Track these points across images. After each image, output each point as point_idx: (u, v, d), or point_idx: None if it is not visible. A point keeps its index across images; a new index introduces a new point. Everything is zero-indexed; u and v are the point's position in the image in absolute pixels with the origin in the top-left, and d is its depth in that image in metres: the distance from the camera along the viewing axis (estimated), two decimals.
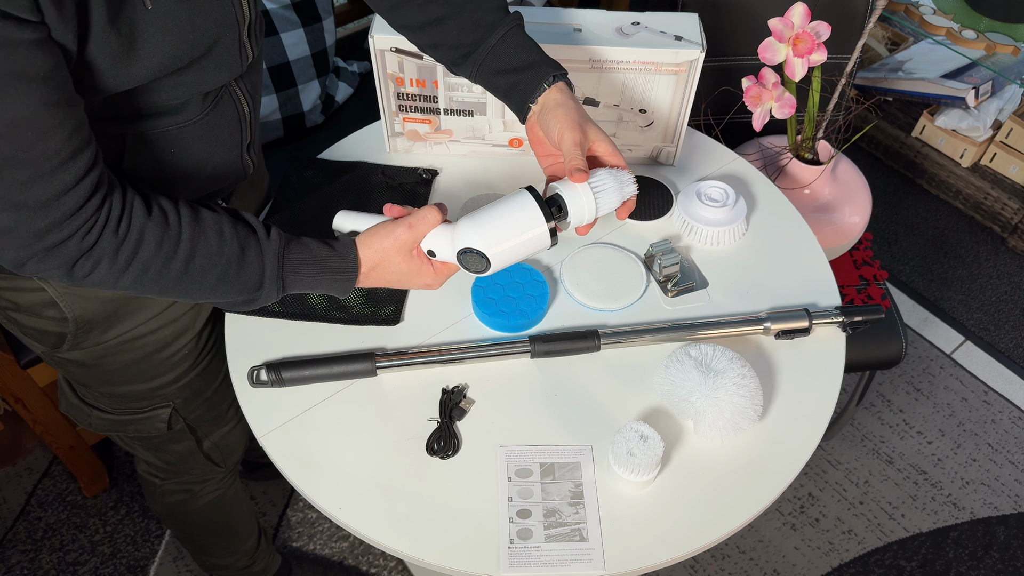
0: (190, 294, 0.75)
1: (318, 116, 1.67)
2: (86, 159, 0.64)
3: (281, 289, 0.78)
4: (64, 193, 0.63)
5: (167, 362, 0.95)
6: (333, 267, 0.79)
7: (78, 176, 0.63)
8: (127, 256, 0.69)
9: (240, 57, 0.76)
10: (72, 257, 0.67)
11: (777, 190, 1.12)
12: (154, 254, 0.70)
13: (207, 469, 1.14)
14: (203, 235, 0.73)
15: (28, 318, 0.86)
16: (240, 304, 0.78)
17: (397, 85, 1.05)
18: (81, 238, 0.66)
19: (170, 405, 1.00)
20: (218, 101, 0.80)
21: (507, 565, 0.76)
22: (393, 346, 0.92)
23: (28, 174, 0.60)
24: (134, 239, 0.69)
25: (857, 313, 0.94)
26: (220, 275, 0.74)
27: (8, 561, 1.53)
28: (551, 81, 0.84)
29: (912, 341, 1.91)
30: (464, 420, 0.87)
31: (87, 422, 1.02)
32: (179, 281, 0.73)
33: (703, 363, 0.85)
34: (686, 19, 1.03)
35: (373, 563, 1.53)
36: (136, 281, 0.71)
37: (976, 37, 2.12)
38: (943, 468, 1.69)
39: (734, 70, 1.41)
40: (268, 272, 0.76)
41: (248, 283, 0.76)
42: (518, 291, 0.95)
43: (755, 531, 1.59)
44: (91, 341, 0.89)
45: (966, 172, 2.14)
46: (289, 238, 0.79)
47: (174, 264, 0.72)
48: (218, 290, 0.75)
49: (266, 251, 0.76)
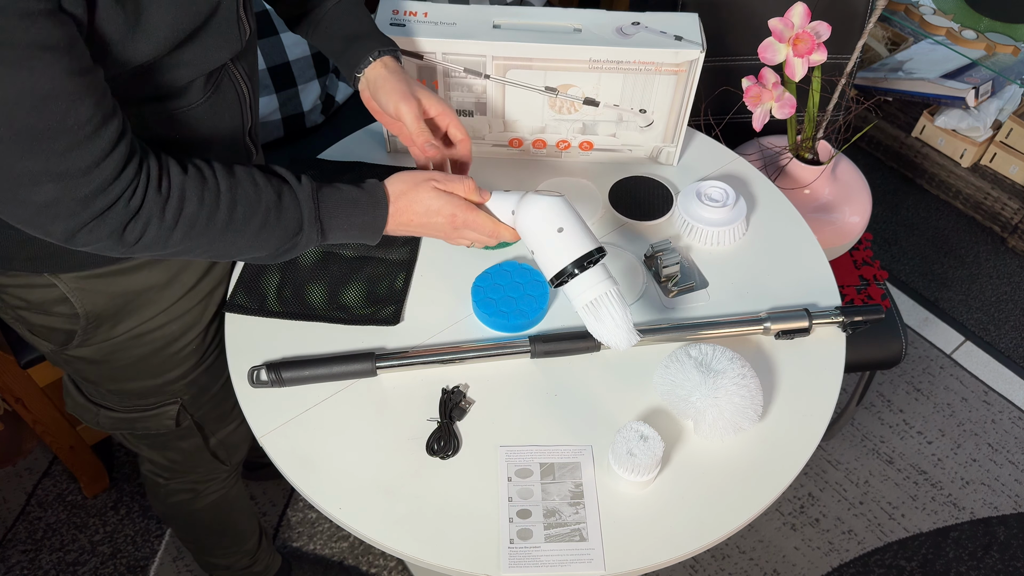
0: (236, 246, 0.76)
1: (318, 116, 1.67)
2: (116, 125, 0.65)
3: (320, 232, 0.80)
4: (104, 157, 0.64)
5: (175, 357, 0.96)
6: (364, 205, 0.81)
7: (112, 140, 0.65)
8: (173, 213, 0.70)
9: (239, 30, 0.77)
10: (121, 222, 0.68)
11: (777, 190, 1.12)
12: (198, 208, 0.72)
13: (212, 467, 1.14)
14: (239, 186, 0.74)
15: (38, 316, 0.87)
16: (282, 253, 0.80)
17: None
18: (127, 201, 0.67)
19: (178, 401, 1.01)
20: (219, 84, 0.81)
21: (507, 565, 0.76)
22: (393, 346, 0.92)
23: (65, 143, 0.62)
24: (177, 196, 0.70)
25: (857, 313, 0.94)
26: (262, 222, 0.76)
27: (8, 561, 1.53)
28: (376, 55, 0.88)
29: (912, 341, 1.91)
30: (464, 420, 0.87)
31: (95, 421, 1.02)
32: (224, 232, 0.74)
33: (703, 363, 0.85)
34: (686, 19, 1.03)
35: (373, 563, 1.53)
36: (185, 237, 0.72)
37: (976, 37, 2.12)
38: (943, 468, 1.69)
39: (734, 70, 1.41)
40: (306, 215, 0.78)
41: (288, 228, 0.78)
42: (518, 291, 0.95)
43: (755, 531, 1.59)
44: (100, 337, 0.89)
45: (966, 172, 2.14)
46: (319, 183, 0.80)
47: (218, 216, 0.73)
48: (261, 238, 0.77)
49: (300, 195, 0.78)
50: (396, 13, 1.01)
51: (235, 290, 0.97)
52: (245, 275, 0.98)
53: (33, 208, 0.64)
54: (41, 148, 0.61)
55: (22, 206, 0.64)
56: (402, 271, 0.99)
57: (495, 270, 0.97)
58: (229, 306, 0.95)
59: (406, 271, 0.99)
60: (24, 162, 0.61)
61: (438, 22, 1.00)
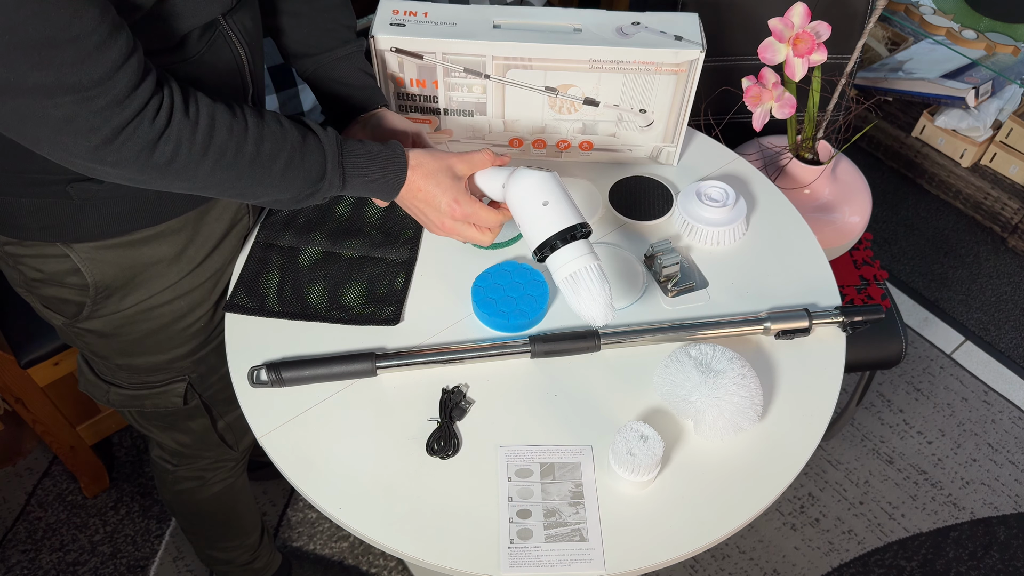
0: (262, 184, 0.77)
1: (318, 116, 1.67)
2: (125, 38, 0.65)
3: (343, 178, 0.82)
4: (116, 69, 0.64)
5: (183, 334, 0.97)
6: (383, 160, 0.84)
7: (123, 52, 0.64)
8: (203, 139, 0.71)
9: None
10: (148, 139, 0.68)
11: (777, 190, 1.13)
12: (227, 137, 0.72)
13: (220, 452, 1.15)
14: (267, 123, 0.76)
15: (51, 288, 0.89)
16: (304, 198, 0.81)
17: (397, 85, 1.05)
18: (152, 119, 0.67)
19: (186, 379, 1.02)
20: (213, 41, 0.80)
21: (507, 565, 0.76)
22: (393, 346, 0.92)
23: (73, 54, 0.61)
24: (206, 122, 0.71)
25: (857, 313, 0.94)
26: (287, 160, 0.77)
27: (8, 561, 1.53)
28: (382, 104, 0.98)
29: (912, 341, 1.91)
30: (464, 420, 0.87)
31: (105, 398, 1.04)
32: (252, 166, 0.75)
33: (703, 363, 0.85)
34: (686, 19, 1.03)
35: (373, 563, 1.53)
36: (215, 167, 0.73)
37: (976, 37, 2.12)
38: (943, 468, 1.69)
39: (734, 70, 1.41)
40: (330, 159, 0.80)
41: (312, 171, 0.79)
42: (518, 291, 0.95)
43: (755, 531, 1.59)
44: (109, 309, 0.91)
45: (966, 172, 2.14)
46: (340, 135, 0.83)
47: (246, 148, 0.74)
48: (287, 177, 0.78)
49: (325, 141, 0.80)
50: (396, 13, 1.01)
51: (235, 290, 0.97)
52: (245, 275, 0.98)
53: (54, 124, 0.64)
54: (50, 58, 0.60)
55: (42, 123, 0.64)
56: (402, 271, 0.99)
57: (495, 270, 0.97)
58: (229, 306, 0.95)
59: (406, 271, 0.99)
60: (36, 74, 0.60)
61: (438, 22, 1.00)
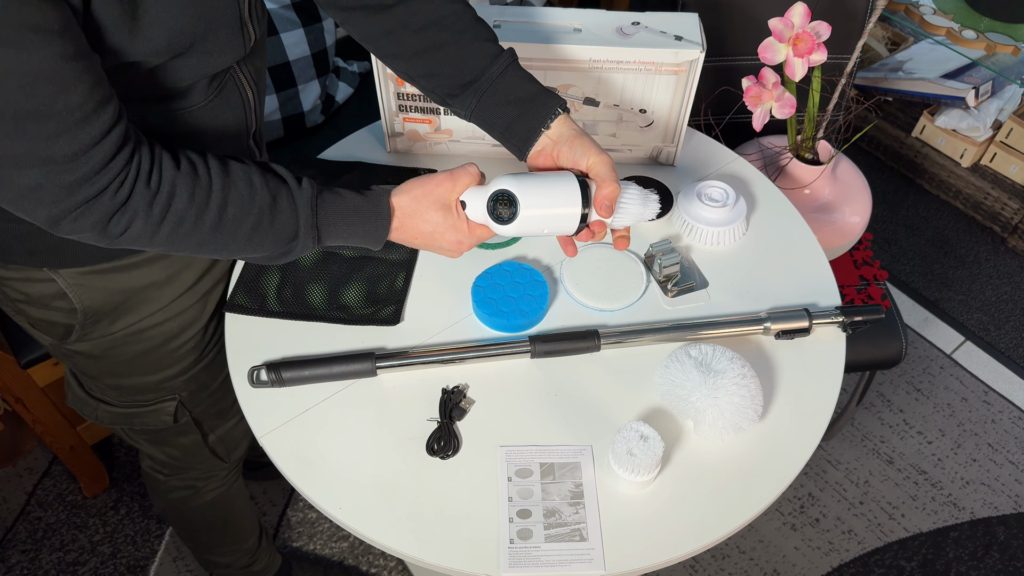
0: (227, 247, 0.75)
1: (318, 116, 1.67)
2: (110, 113, 0.64)
3: (317, 239, 0.78)
4: (92, 146, 0.63)
5: (173, 355, 0.96)
6: (365, 214, 0.79)
7: (104, 129, 0.64)
8: (161, 209, 0.69)
9: (242, 36, 0.76)
10: (107, 213, 0.67)
11: (777, 190, 1.12)
12: (187, 205, 0.70)
13: (212, 464, 1.14)
14: (233, 185, 0.73)
15: (37, 310, 0.87)
16: (277, 257, 0.78)
17: (397, 85, 1.05)
18: (114, 193, 0.66)
19: (176, 398, 1.01)
20: (223, 87, 0.80)
21: (507, 565, 0.76)
22: (393, 346, 0.92)
23: (53, 128, 0.61)
24: (166, 191, 0.69)
25: (857, 313, 0.94)
26: (254, 225, 0.74)
27: (8, 561, 1.53)
28: (557, 112, 0.83)
29: (912, 341, 1.91)
30: (464, 420, 0.87)
31: (93, 415, 1.03)
32: (214, 233, 0.73)
33: (703, 363, 0.85)
34: (686, 19, 1.03)
35: (373, 563, 1.53)
36: (172, 234, 0.71)
37: (976, 37, 2.12)
38: (943, 468, 1.69)
39: (734, 70, 1.41)
40: (303, 221, 0.76)
41: (282, 233, 0.76)
42: (518, 291, 0.95)
43: (755, 531, 1.59)
44: (98, 332, 0.89)
45: (966, 172, 2.14)
46: (321, 187, 0.78)
47: (208, 215, 0.71)
48: (253, 241, 0.75)
49: (298, 200, 0.76)
50: None
51: (235, 290, 0.97)
52: (245, 275, 0.98)
53: (17, 191, 0.63)
54: (28, 130, 0.60)
55: (6, 188, 0.63)
56: (402, 271, 0.99)
57: (495, 270, 0.97)
58: (229, 306, 0.95)
59: (406, 271, 0.99)
60: (10, 143, 0.60)
61: None
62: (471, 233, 0.82)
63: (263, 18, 0.83)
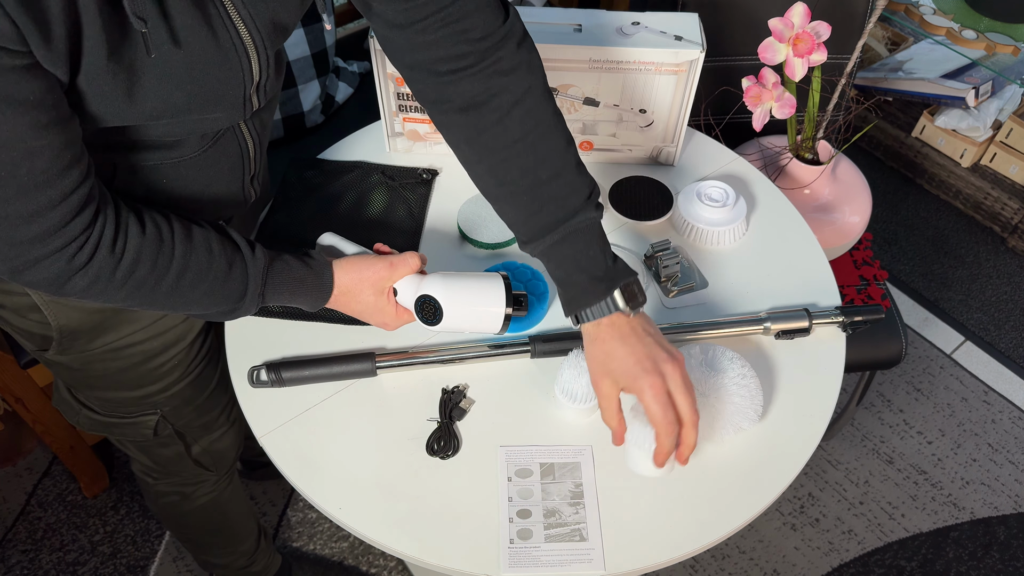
0: (174, 306, 0.76)
1: (318, 116, 1.67)
2: (75, 175, 0.63)
3: (260, 302, 0.80)
4: (50, 208, 0.62)
5: (155, 372, 0.94)
6: (309, 285, 0.82)
7: (65, 192, 0.63)
8: (124, 274, 0.69)
9: (244, 109, 0.75)
10: (63, 273, 0.66)
11: (777, 190, 1.12)
12: (149, 272, 0.71)
13: (197, 473, 1.12)
14: (195, 252, 0.73)
15: (17, 318, 0.86)
16: (217, 315, 0.79)
17: (397, 85, 1.05)
18: (71, 256, 0.65)
19: (157, 412, 0.99)
20: (218, 139, 0.78)
21: (507, 565, 0.76)
22: (393, 346, 0.92)
23: (12, 190, 0.60)
24: (131, 258, 0.69)
25: (857, 313, 0.94)
26: (207, 290, 0.75)
27: (8, 561, 1.53)
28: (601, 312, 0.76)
29: (912, 341, 1.91)
30: (464, 420, 0.87)
31: (76, 420, 1.02)
32: (168, 296, 0.74)
33: (703, 363, 0.85)
34: (686, 19, 1.03)
35: (373, 563, 1.53)
36: (129, 296, 0.72)
37: (976, 37, 2.12)
38: (943, 468, 1.69)
39: (734, 70, 1.41)
40: (251, 288, 0.78)
41: (230, 296, 0.77)
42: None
43: (755, 531, 1.59)
44: (77, 348, 0.88)
45: (966, 172, 2.14)
46: (272, 256, 0.80)
47: (166, 280, 0.72)
48: (201, 303, 0.76)
49: (251, 270, 0.77)
50: None
51: None
52: None
53: None
54: None
55: None
56: None
57: (495, 270, 0.97)
58: None
59: None
60: None
61: None
62: (398, 318, 0.87)
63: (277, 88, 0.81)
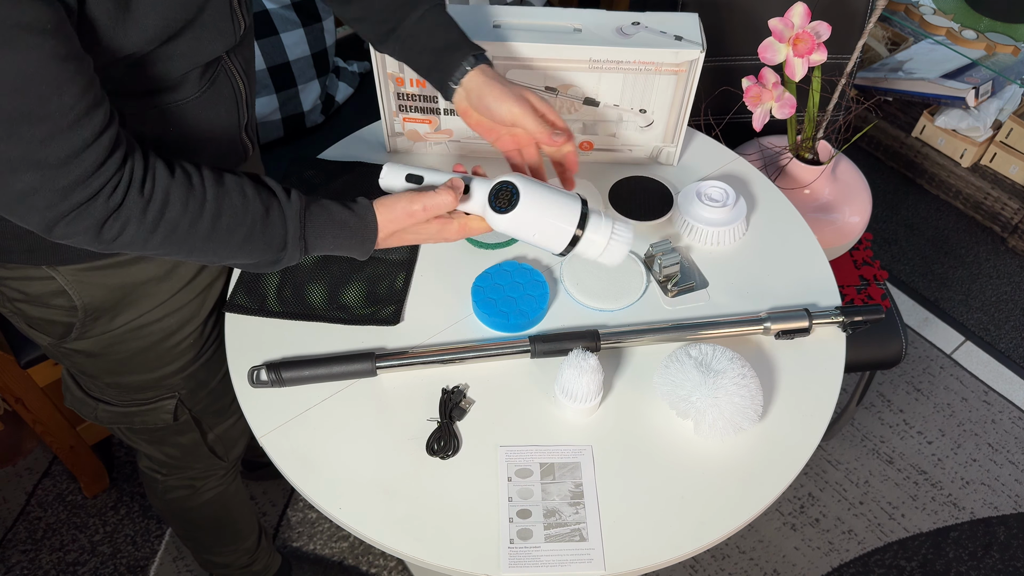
0: (219, 254, 0.75)
1: (318, 116, 1.67)
2: (102, 115, 0.64)
3: (304, 250, 0.79)
4: (84, 148, 0.63)
5: (172, 351, 0.96)
6: (353, 228, 0.80)
7: (96, 131, 0.64)
8: (154, 216, 0.69)
9: (232, 23, 0.77)
10: (100, 218, 0.67)
11: (777, 190, 1.12)
12: (181, 214, 0.71)
13: (210, 463, 1.14)
14: (227, 196, 0.73)
15: (36, 308, 0.87)
16: (266, 265, 0.79)
17: (397, 85, 1.05)
18: (107, 197, 0.66)
19: (176, 396, 1.01)
20: (215, 79, 0.80)
21: (507, 565, 0.76)
22: (393, 346, 0.92)
23: (46, 130, 0.60)
24: (160, 199, 0.69)
25: (857, 313, 0.94)
26: (246, 235, 0.75)
27: (8, 561, 1.53)
28: (471, 64, 0.86)
29: (912, 341, 1.91)
30: (464, 420, 0.87)
31: (93, 415, 1.03)
32: (207, 241, 0.73)
33: (703, 363, 0.85)
34: (686, 19, 1.03)
35: (373, 563, 1.53)
36: (165, 241, 0.71)
37: (976, 37, 2.12)
38: (943, 468, 1.69)
39: (734, 70, 1.41)
40: (291, 233, 0.77)
41: (272, 243, 0.77)
42: (518, 291, 0.95)
43: (755, 531, 1.59)
44: (98, 329, 0.90)
45: (966, 172, 2.14)
46: (309, 200, 0.79)
47: (201, 224, 0.72)
48: (244, 250, 0.76)
49: (288, 212, 0.77)
50: None
51: (235, 290, 0.97)
52: (245, 275, 0.98)
53: (12, 195, 0.63)
54: (21, 133, 0.60)
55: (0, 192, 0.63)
56: (402, 271, 0.99)
57: (495, 270, 0.97)
58: (229, 306, 0.95)
59: (406, 271, 0.99)
60: (3, 146, 0.60)
61: None
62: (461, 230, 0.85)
63: (251, 7, 0.83)
